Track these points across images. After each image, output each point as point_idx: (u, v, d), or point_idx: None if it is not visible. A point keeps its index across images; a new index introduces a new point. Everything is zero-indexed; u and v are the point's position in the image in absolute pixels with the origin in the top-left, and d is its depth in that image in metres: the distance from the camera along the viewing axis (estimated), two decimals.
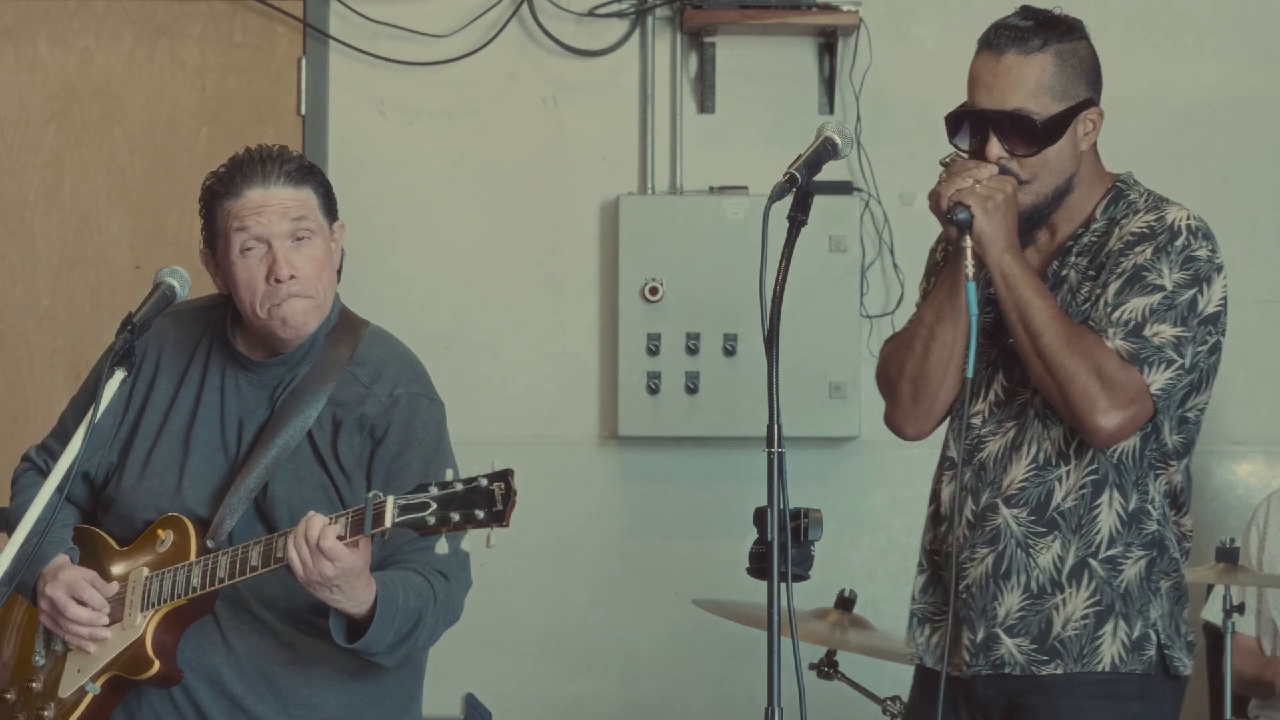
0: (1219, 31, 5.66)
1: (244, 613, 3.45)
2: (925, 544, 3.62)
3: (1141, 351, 3.34)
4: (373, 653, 3.32)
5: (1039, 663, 3.45)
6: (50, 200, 5.66)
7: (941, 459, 3.60)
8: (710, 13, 5.52)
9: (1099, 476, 3.43)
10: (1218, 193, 5.63)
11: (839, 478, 5.56)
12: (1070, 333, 3.35)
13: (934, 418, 3.56)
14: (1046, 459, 3.45)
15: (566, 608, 5.63)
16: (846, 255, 5.52)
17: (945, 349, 3.47)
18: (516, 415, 5.64)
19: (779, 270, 3.12)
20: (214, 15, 5.67)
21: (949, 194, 3.37)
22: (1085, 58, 3.45)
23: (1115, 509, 3.44)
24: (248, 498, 3.42)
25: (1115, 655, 3.43)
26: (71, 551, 3.51)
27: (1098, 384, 3.32)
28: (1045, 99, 3.40)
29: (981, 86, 3.43)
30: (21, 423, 5.60)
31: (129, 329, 3.35)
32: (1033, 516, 3.45)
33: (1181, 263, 3.38)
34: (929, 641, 3.58)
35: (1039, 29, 3.41)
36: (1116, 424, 3.35)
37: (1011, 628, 3.46)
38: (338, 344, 3.52)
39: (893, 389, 3.56)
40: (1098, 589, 3.43)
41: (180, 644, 3.44)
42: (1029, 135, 3.40)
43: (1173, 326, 3.35)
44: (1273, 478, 5.53)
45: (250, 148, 3.49)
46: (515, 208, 5.67)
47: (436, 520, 3.11)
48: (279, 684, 3.46)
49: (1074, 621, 3.43)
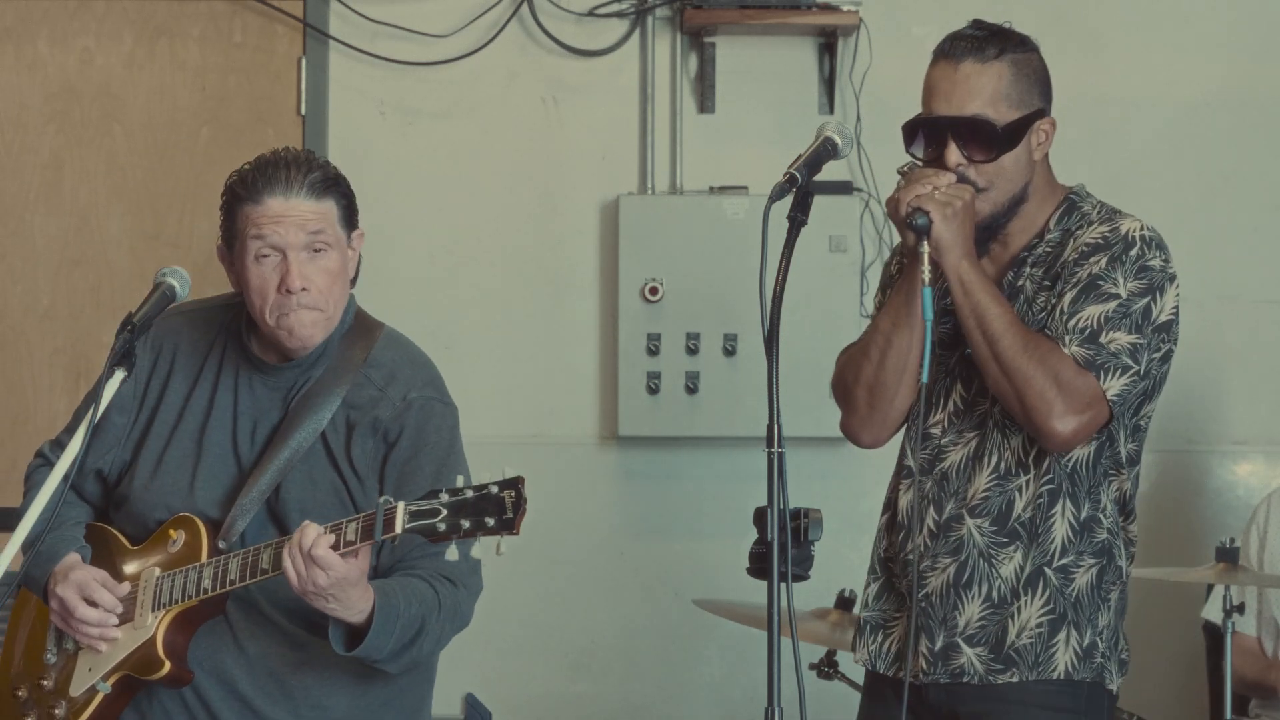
0: (1219, 31, 5.66)
1: (255, 614, 3.45)
2: (879, 551, 3.63)
3: (1098, 357, 3.36)
4: (374, 660, 3.32)
5: (996, 671, 3.46)
6: (50, 200, 5.66)
7: (898, 468, 3.62)
8: (710, 13, 5.52)
9: (1054, 486, 3.45)
10: (1218, 192, 5.63)
11: (839, 478, 5.56)
12: (1027, 339, 3.37)
13: (890, 425, 3.59)
14: (1007, 469, 3.47)
15: (566, 608, 5.63)
16: (846, 255, 5.52)
17: (901, 356, 3.49)
18: (516, 415, 5.64)
19: (779, 270, 3.12)
20: (214, 15, 5.67)
21: (908, 200, 3.39)
22: (1038, 68, 3.50)
23: (1068, 518, 3.46)
24: (260, 499, 3.42)
25: (1068, 663, 3.45)
26: (83, 550, 3.51)
27: (1055, 389, 3.34)
28: (1002, 106, 3.43)
29: (939, 94, 3.46)
30: (21, 423, 5.60)
31: (129, 329, 3.35)
32: (995, 527, 3.47)
33: (1136, 272, 3.40)
34: (881, 648, 3.59)
35: (994, 39, 3.46)
36: (1072, 429, 3.36)
37: (971, 637, 3.47)
38: (352, 346, 3.52)
39: (849, 397, 3.59)
40: (1051, 597, 3.45)
41: (192, 645, 3.44)
42: (987, 141, 3.42)
43: (1128, 334, 3.38)
44: (1273, 478, 5.53)
45: (278, 150, 3.47)
46: (515, 208, 5.67)
47: (447, 527, 3.11)
48: (289, 685, 3.46)
49: (1029, 630, 3.45)
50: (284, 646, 3.45)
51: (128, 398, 3.53)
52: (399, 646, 3.32)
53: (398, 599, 3.31)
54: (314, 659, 3.45)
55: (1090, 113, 5.58)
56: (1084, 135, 5.53)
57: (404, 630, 3.31)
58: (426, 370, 3.55)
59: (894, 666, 3.55)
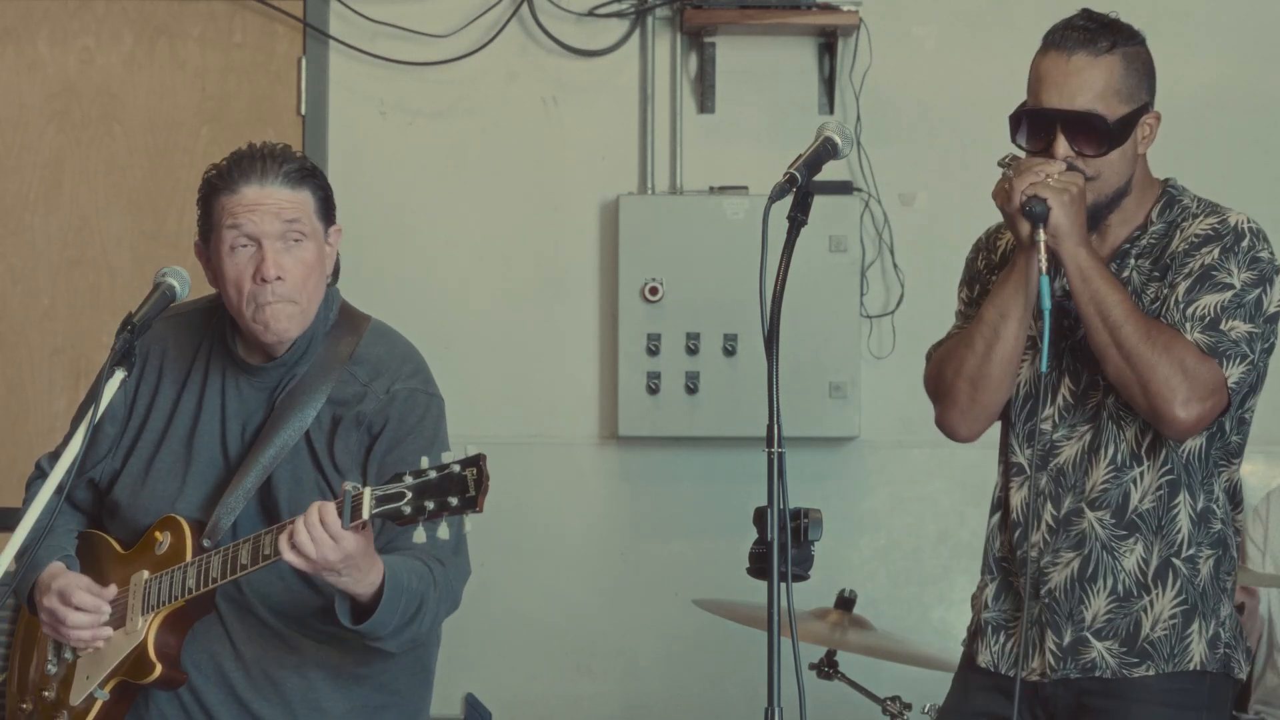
0: (1218, 31, 5.66)
1: (250, 616, 3.45)
2: (993, 551, 3.60)
3: (1220, 344, 3.37)
4: (378, 636, 3.31)
5: (1130, 665, 3.45)
6: (50, 200, 5.66)
7: (1005, 466, 3.59)
8: (710, 13, 5.52)
9: (1174, 477, 3.46)
10: (1218, 193, 5.60)
11: (839, 478, 5.56)
12: (1149, 326, 3.36)
13: (989, 418, 3.57)
14: (1123, 460, 3.47)
15: (566, 608, 5.63)
16: (846, 255, 5.52)
17: (1008, 347, 3.47)
18: (516, 415, 5.63)
19: (779, 270, 3.12)
20: (214, 15, 5.67)
21: (1022, 188, 3.36)
22: (1146, 62, 3.48)
23: (1188, 509, 3.46)
24: (244, 498, 3.42)
25: (1202, 654, 3.45)
26: (68, 559, 3.51)
27: (1180, 375, 3.34)
28: (1113, 100, 3.41)
29: (1050, 85, 3.42)
30: (21, 423, 5.60)
31: (129, 329, 3.34)
32: (1114, 519, 3.46)
33: (1248, 263, 3.43)
34: (1004, 648, 3.57)
35: (1106, 31, 3.44)
36: (1196, 416, 3.36)
37: (1099, 631, 3.46)
38: (338, 341, 3.51)
39: (950, 390, 3.55)
40: (1182, 588, 3.45)
41: (189, 647, 3.43)
42: (1098, 136, 3.41)
43: (1245, 322, 3.39)
44: (1273, 478, 5.53)
45: (254, 144, 3.47)
46: (515, 208, 5.67)
47: (412, 509, 3.09)
48: (285, 688, 3.46)
49: (1163, 622, 3.45)
50: (279, 649, 3.45)
51: (118, 406, 3.53)
52: (402, 622, 3.32)
53: (401, 574, 3.30)
54: (309, 660, 3.45)
55: None
56: None
57: (407, 605, 3.31)
58: (412, 362, 3.53)
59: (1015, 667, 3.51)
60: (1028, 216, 3.36)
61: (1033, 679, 3.49)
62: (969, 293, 3.67)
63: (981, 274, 3.64)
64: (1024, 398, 3.55)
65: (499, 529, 5.57)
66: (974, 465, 5.06)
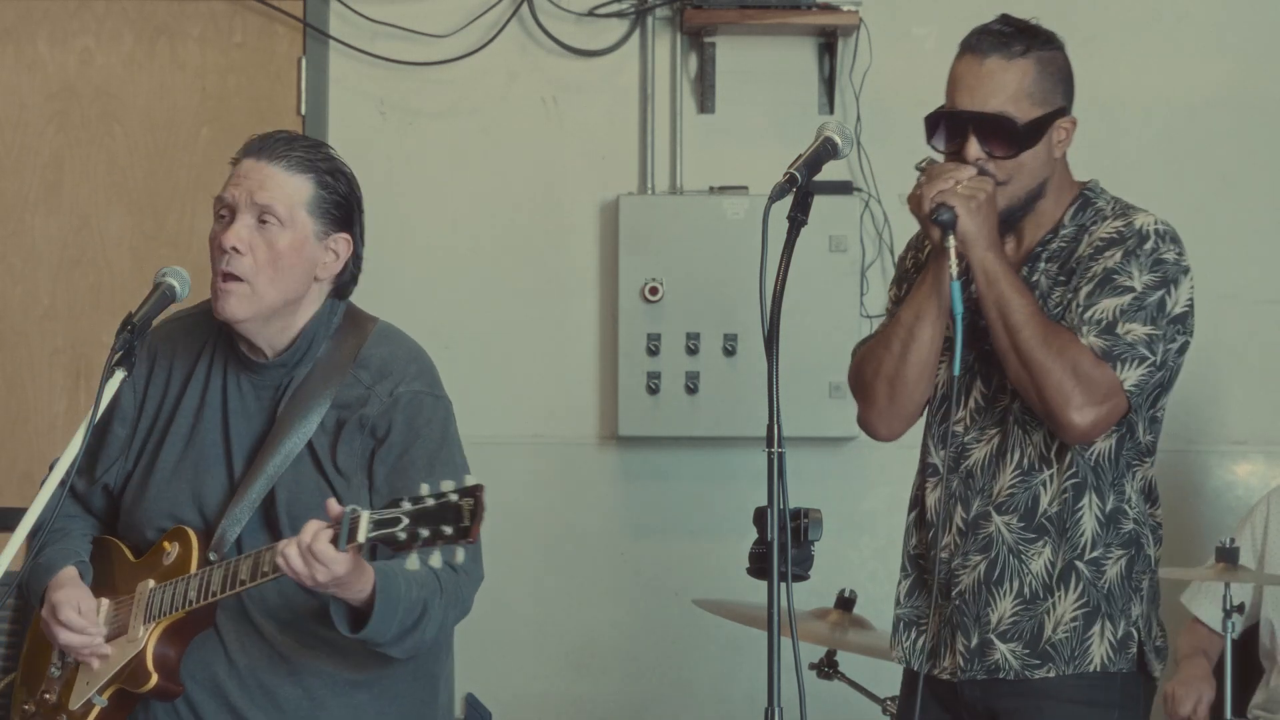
0: (1219, 32, 5.66)
1: (245, 624, 3.43)
2: (909, 549, 3.65)
3: (1115, 348, 3.38)
4: (378, 643, 3.30)
5: (1032, 666, 3.48)
6: (50, 200, 5.66)
7: (922, 465, 3.63)
8: (710, 13, 5.52)
9: (1079, 479, 3.47)
10: (1218, 193, 5.63)
11: (839, 478, 5.56)
12: (1047, 330, 3.38)
13: (908, 418, 3.60)
14: (1031, 464, 3.49)
15: (566, 608, 5.63)
16: (846, 255, 5.52)
17: (923, 349, 3.51)
18: (516, 415, 5.63)
19: (779, 270, 3.12)
20: (214, 15, 5.67)
21: (931, 195, 3.40)
22: (1062, 67, 3.52)
23: (1094, 511, 3.47)
24: (250, 508, 3.40)
25: (1104, 655, 3.47)
26: (82, 565, 3.49)
27: (1073, 380, 3.36)
28: (1025, 103, 3.45)
29: (963, 88, 3.48)
30: (21, 423, 5.60)
31: (129, 329, 3.33)
32: (1022, 523, 3.49)
33: (1150, 265, 3.43)
34: (915, 645, 3.61)
35: (1021, 35, 3.48)
36: (1090, 421, 3.38)
37: (1005, 633, 3.49)
38: (342, 344, 3.48)
39: (868, 390, 3.60)
40: (1084, 591, 3.47)
41: (185, 657, 3.42)
42: (1009, 138, 3.44)
43: (1143, 325, 3.40)
44: (1273, 478, 5.53)
45: (281, 130, 3.47)
46: (515, 208, 5.67)
47: (407, 536, 3.07)
48: (279, 697, 3.43)
49: (1064, 624, 3.47)
50: (274, 659, 3.43)
51: (128, 408, 3.52)
52: (402, 630, 3.30)
53: (399, 581, 3.28)
54: (304, 669, 3.43)
55: (1090, 113, 5.54)
56: (1083, 135, 5.48)
57: (407, 613, 3.29)
58: (417, 363, 3.50)
59: (930, 664, 3.56)
60: (937, 223, 3.39)
61: (944, 678, 3.53)
62: (896, 291, 3.71)
63: (909, 273, 3.67)
64: (940, 399, 3.59)
65: (499, 529, 5.55)
66: None
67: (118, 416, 3.50)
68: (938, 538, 3.53)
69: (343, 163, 3.48)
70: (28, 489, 5.28)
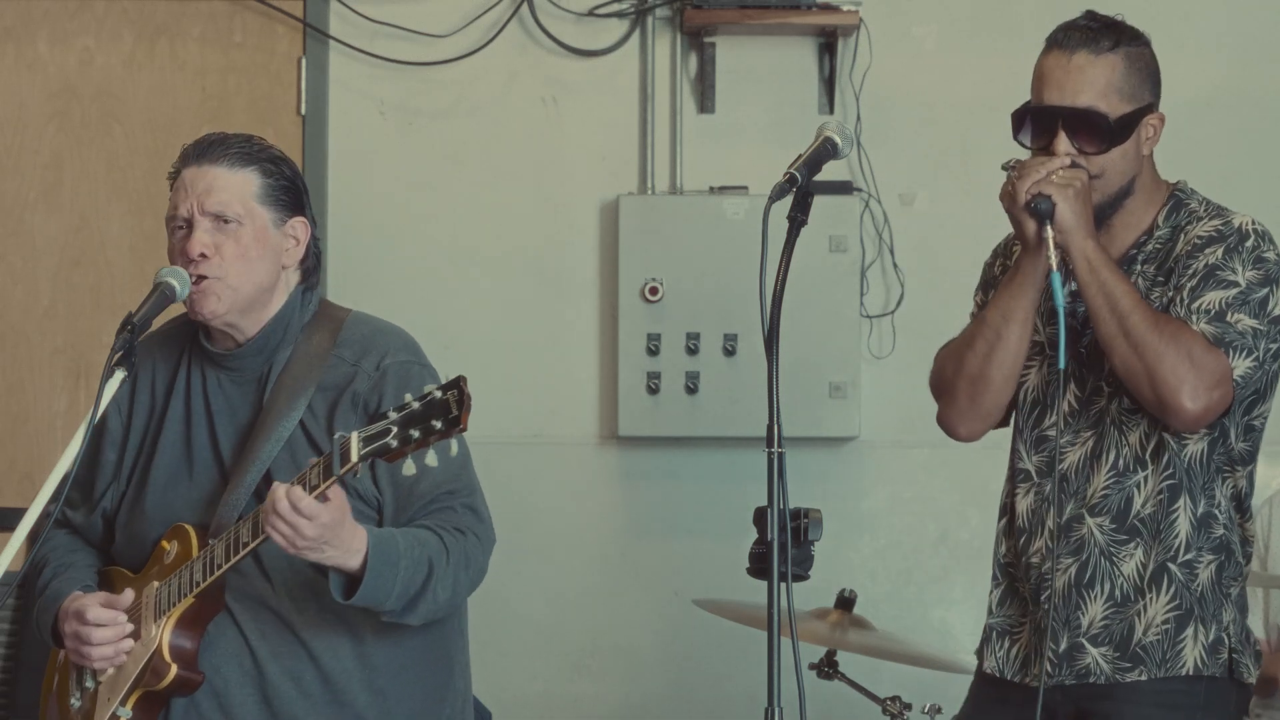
0: (1219, 31, 5.66)
1: (264, 612, 3.43)
2: (999, 557, 3.61)
3: (1226, 335, 3.36)
4: (382, 605, 3.30)
5: (1123, 670, 3.45)
6: (50, 200, 5.66)
7: (1011, 472, 3.59)
8: (710, 13, 5.52)
9: (1175, 481, 3.44)
10: (1218, 193, 5.60)
11: (839, 478, 5.55)
12: (1157, 315, 3.36)
13: (989, 420, 3.57)
14: (1125, 465, 3.46)
15: (566, 608, 5.63)
16: (846, 255, 5.52)
17: (1009, 350, 3.48)
18: (516, 415, 5.63)
19: (779, 270, 3.12)
20: (214, 15, 5.67)
21: (1026, 187, 3.37)
22: (1150, 62, 3.49)
23: (1189, 513, 3.45)
24: (246, 494, 3.41)
25: (1197, 658, 3.44)
26: (88, 589, 3.49)
27: (1187, 364, 3.33)
28: (1115, 99, 3.42)
29: (1052, 84, 3.44)
30: (21, 423, 5.60)
31: (129, 329, 3.34)
32: (1115, 525, 3.46)
33: (1253, 262, 3.42)
34: (1009, 654, 3.57)
35: (1109, 30, 3.45)
36: (1202, 407, 3.35)
37: (1095, 637, 3.46)
38: (319, 330, 3.50)
39: (950, 389, 3.56)
40: (1177, 593, 3.44)
41: (208, 655, 3.41)
42: (1099, 133, 3.41)
43: (1250, 318, 3.38)
44: (1273, 478, 5.52)
45: (211, 134, 3.51)
46: (515, 208, 5.67)
47: (399, 442, 3.10)
48: (304, 682, 3.44)
49: (1155, 627, 3.44)
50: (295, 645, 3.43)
51: (116, 432, 3.54)
52: (406, 589, 3.30)
53: (395, 540, 3.29)
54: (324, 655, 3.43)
55: None
56: None
57: (409, 572, 3.29)
58: (400, 337, 3.54)
59: (1021, 672, 3.54)
60: (1034, 214, 3.36)
61: (1032, 684, 3.49)
62: (983, 296, 3.68)
63: (997, 279, 3.64)
64: (1031, 404, 3.55)
65: (499, 529, 5.55)
66: (974, 465, 5.07)
67: (107, 441, 3.54)
68: (1030, 543, 3.50)
69: (279, 150, 3.53)
70: (28, 489, 5.30)
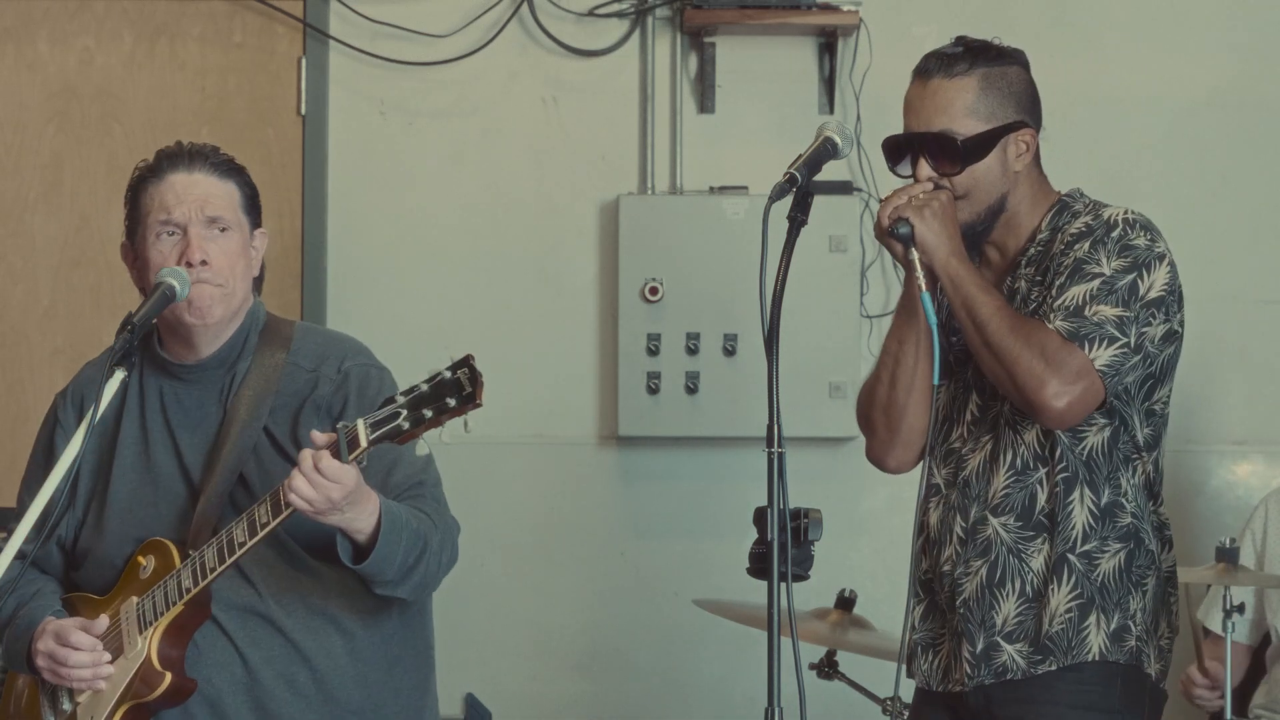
0: (1219, 31, 5.66)
1: (253, 618, 3.43)
2: (919, 574, 3.63)
3: (1081, 329, 3.37)
4: (385, 575, 3.32)
5: (1035, 662, 3.47)
6: (50, 200, 5.67)
7: (925, 489, 3.62)
8: (710, 13, 5.52)
9: (1070, 474, 3.47)
10: (1218, 193, 5.63)
11: (839, 478, 5.56)
12: (1014, 321, 3.40)
13: (912, 446, 3.60)
14: (1024, 464, 3.49)
15: (566, 608, 5.63)
16: (846, 255, 5.52)
17: (909, 372, 3.52)
18: (516, 415, 5.63)
19: (779, 270, 3.13)
20: (214, 15, 5.67)
21: (886, 214, 3.43)
22: (1015, 81, 3.52)
23: (1087, 505, 3.47)
24: (219, 502, 3.41)
25: (1101, 645, 3.46)
26: (58, 614, 3.49)
27: (1042, 363, 3.35)
28: (969, 120, 3.46)
29: (910, 111, 3.51)
30: (21, 423, 5.59)
31: (129, 329, 3.34)
32: (1019, 522, 3.49)
33: (1119, 251, 3.43)
34: (933, 666, 3.60)
35: (967, 54, 3.50)
36: (1066, 402, 3.37)
37: (1010, 634, 3.49)
38: (270, 344, 3.52)
39: (869, 422, 3.62)
40: (1078, 583, 3.46)
41: (198, 666, 3.41)
42: (951, 154, 3.46)
43: (1112, 307, 3.39)
44: (1273, 478, 5.54)
45: (181, 142, 3.55)
46: (515, 208, 5.67)
47: (411, 423, 3.11)
48: (297, 683, 3.45)
49: (1059, 617, 3.46)
50: (287, 648, 3.44)
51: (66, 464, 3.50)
52: (405, 561, 3.33)
53: (400, 511, 3.34)
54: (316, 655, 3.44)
55: (1090, 113, 5.58)
56: (1084, 135, 5.53)
57: (409, 543, 3.33)
58: (351, 342, 3.58)
59: (944, 682, 3.57)
60: (896, 238, 3.41)
61: (955, 690, 3.53)
62: None
63: None
64: (942, 421, 3.60)
65: (498, 529, 5.57)
66: None
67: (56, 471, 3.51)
68: (941, 551, 3.54)
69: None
70: None
